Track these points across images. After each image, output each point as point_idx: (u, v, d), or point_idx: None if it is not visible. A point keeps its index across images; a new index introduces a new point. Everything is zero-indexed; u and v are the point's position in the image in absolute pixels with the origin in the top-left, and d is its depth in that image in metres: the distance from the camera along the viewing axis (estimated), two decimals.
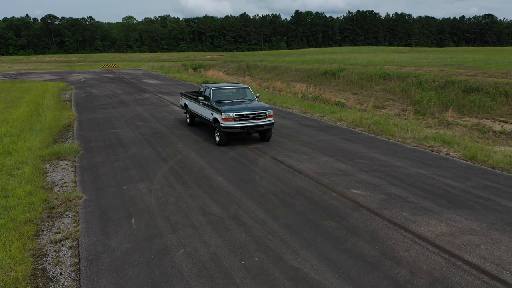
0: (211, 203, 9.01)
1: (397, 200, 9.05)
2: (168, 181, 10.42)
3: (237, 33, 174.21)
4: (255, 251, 6.87)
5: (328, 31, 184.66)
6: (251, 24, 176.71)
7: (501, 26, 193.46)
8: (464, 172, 11.17)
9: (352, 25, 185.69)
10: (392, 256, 6.66)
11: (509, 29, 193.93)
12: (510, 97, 25.77)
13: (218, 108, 13.74)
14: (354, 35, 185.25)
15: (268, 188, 9.91)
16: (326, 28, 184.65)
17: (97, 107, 23.31)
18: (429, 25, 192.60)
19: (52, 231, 7.80)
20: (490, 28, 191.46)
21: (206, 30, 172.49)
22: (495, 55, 62.64)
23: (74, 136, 15.79)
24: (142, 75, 50.51)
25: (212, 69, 68.82)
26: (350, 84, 39.18)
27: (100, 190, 9.86)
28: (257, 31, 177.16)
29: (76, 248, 7.10)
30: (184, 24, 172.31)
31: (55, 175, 11.15)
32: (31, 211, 8.51)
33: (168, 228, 7.77)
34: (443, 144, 14.30)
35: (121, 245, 7.13)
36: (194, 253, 6.83)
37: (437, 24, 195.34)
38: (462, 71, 35.09)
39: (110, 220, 8.15)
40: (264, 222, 8.01)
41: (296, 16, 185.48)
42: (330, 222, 7.98)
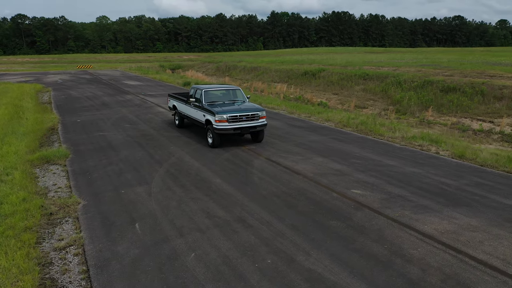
0: (213, 205, 8.94)
1: (397, 199, 9.21)
2: (167, 184, 10.28)
3: (214, 33, 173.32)
4: (267, 253, 6.86)
5: (304, 32, 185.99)
6: (227, 25, 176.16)
7: (470, 27, 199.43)
8: (456, 170, 11.47)
9: (328, 26, 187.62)
10: (401, 255, 6.78)
11: (478, 30, 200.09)
12: (486, 97, 26.62)
13: (211, 110, 13.66)
14: (329, 35, 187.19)
15: (269, 189, 9.92)
16: (302, 28, 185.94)
17: (79, 109, 22.77)
18: (402, 26, 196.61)
19: (54, 238, 7.57)
20: (460, 29, 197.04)
21: (182, 30, 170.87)
22: (467, 55, 64.57)
23: (61, 140, 15.38)
24: (120, 76, 49.65)
25: (190, 69, 68.33)
26: (331, 85, 39.59)
27: (98, 195, 9.64)
28: (234, 32, 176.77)
29: (82, 255, 6.92)
30: (159, 24, 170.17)
31: (47, 180, 10.83)
32: (28, 218, 8.24)
33: (175, 232, 7.67)
34: (431, 143, 14.65)
35: (129, 250, 7.00)
36: (205, 257, 6.76)
37: (409, 25, 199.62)
38: (439, 71, 36.00)
39: (113, 226, 7.99)
40: (270, 223, 8.01)
41: (272, 17, 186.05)
42: (335, 222, 8.05)
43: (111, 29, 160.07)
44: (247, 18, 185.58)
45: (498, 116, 24.43)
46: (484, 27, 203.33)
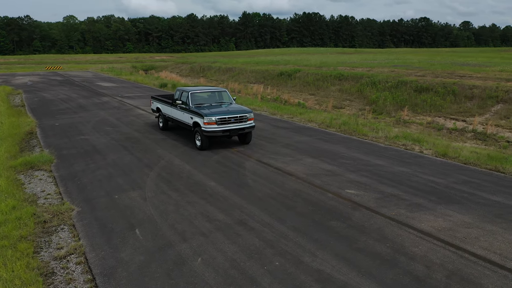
0: (212, 209, 8.91)
1: (391, 198, 9.45)
2: (160, 189, 10.15)
3: (185, 33, 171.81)
4: (273, 256, 6.90)
5: (275, 33, 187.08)
6: (199, 25, 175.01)
7: (436, 29, 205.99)
8: (442, 168, 11.86)
9: (299, 27, 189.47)
10: (404, 253, 6.96)
11: (443, 31, 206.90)
12: (458, 96, 27.55)
13: (199, 112, 13.57)
14: (301, 36, 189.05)
15: (264, 191, 9.96)
16: (274, 29, 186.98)
17: (56, 112, 22.11)
18: (371, 27, 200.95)
19: (52, 247, 7.35)
20: (426, 31, 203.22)
21: (153, 30, 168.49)
22: (435, 56, 66.66)
23: (41, 144, 14.90)
24: (93, 77, 48.49)
25: (164, 70, 67.50)
26: (307, 85, 39.99)
27: (91, 201, 9.42)
28: (206, 32, 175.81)
29: (85, 263, 6.76)
30: (129, 24, 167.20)
31: (33, 187, 10.49)
32: (22, 226, 7.97)
33: (177, 237, 7.60)
34: (414, 143, 15.08)
35: (133, 257, 6.88)
36: (212, 261, 6.74)
37: (378, 26, 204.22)
38: (411, 71, 36.98)
39: (113, 232, 7.83)
40: (271, 226, 8.06)
41: (244, 17, 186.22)
42: (335, 223, 8.18)
43: (79, 29, 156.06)
44: (218, 18, 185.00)
45: (470, 115, 25.33)
46: (449, 28, 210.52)
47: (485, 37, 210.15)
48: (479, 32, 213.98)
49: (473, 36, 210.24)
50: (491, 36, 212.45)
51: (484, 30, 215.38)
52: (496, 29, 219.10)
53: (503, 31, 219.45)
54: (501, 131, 22.30)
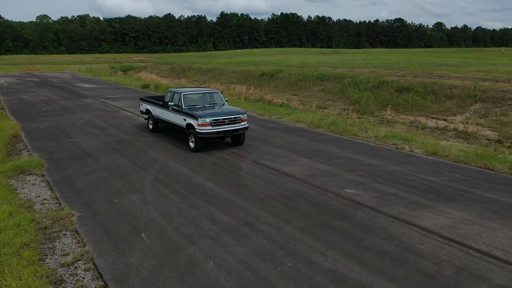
0: (215, 211, 8.88)
1: (390, 197, 9.63)
2: (160, 192, 10.05)
3: (163, 34, 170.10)
4: (285, 257, 6.94)
5: (254, 33, 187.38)
6: (176, 25, 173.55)
7: (410, 29, 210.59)
8: (434, 167, 12.16)
9: (277, 27, 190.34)
10: (412, 250, 7.12)
11: (417, 32, 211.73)
12: (438, 96, 28.23)
13: (192, 114, 13.48)
14: (278, 36, 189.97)
15: (265, 192, 9.99)
16: (252, 29, 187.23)
17: (38, 115, 21.55)
18: (347, 27, 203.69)
19: (57, 254, 7.19)
20: (401, 31, 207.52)
21: (129, 30, 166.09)
22: (412, 56, 68.11)
23: (29, 148, 14.51)
24: (71, 78, 47.45)
25: (143, 71, 66.68)
26: (289, 85, 40.20)
27: (90, 205, 9.24)
28: (183, 32, 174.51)
29: (94, 270, 6.63)
30: (105, 24, 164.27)
31: (27, 192, 10.21)
32: (23, 233, 7.76)
33: (185, 240, 7.54)
34: (403, 142, 15.39)
35: (144, 262, 6.80)
36: (224, 264, 6.72)
37: (354, 27, 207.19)
38: (391, 71, 37.66)
39: (118, 237, 7.71)
40: (278, 227, 8.10)
41: (222, 18, 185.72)
42: (340, 222, 8.28)
43: (52, 28, 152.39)
44: (196, 18, 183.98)
45: (450, 114, 25.98)
46: (423, 29, 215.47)
47: (457, 38, 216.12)
48: (452, 33, 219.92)
49: (446, 37, 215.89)
50: (463, 37, 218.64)
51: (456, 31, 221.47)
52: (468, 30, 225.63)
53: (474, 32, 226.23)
54: (481, 129, 22.96)
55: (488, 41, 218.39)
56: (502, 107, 24.77)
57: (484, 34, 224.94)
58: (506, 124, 22.77)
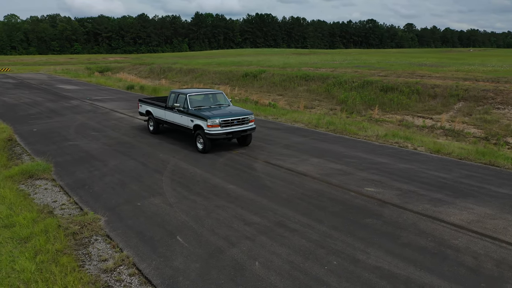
0: (243, 212, 8.86)
1: (411, 194, 9.85)
2: (181, 194, 9.93)
3: (137, 34, 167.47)
4: (327, 255, 7.00)
5: (229, 33, 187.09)
6: (150, 25, 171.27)
7: (382, 30, 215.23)
8: (442, 164, 12.51)
9: (252, 28, 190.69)
10: (448, 246, 7.32)
11: (389, 33, 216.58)
12: (421, 95, 28.97)
13: (201, 115, 13.38)
14: (254, 37, 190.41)
15: (287, 192, 10.03)
16: (227, 30, 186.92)
17: (27, 117, 20.85)
18: (321, 28, 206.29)
19: (94, 260, 7.01)
20: (373, 32, 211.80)
21: (102, 30, 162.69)
22: (389, 56, 69.64)
23: (28, 152, 14.05)
24: (50, 80, 46.09)
25: (121, 72, 65.48)
26: (274, 86, 40.34)
27: (113, 209, 9.04)
28: (158, 33, 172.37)
29: (139, 275, 6.51)
30: (77, 24, 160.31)
31: (42, 197, 9.90)
32: (53, 240, 7.52)
33: (223, 242, 7.50)
34: (405, 140, 15.74)
35: (188, 265, 6.72)
36: (271, 264, 6.73)
37: (328, 27, 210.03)
38: (374, 72, 38.37)
39: (154, 240, 7.59)
40: (311, 226, 8.16)
41: (197, 18, 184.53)
42: (371, 220, 8.42)
43: (21, 28, 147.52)
44: (170, 18, 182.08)
45: (435, 112, 26.70)
46: (394, 30, 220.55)
47: (427, 39, 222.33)
48: (422, 34, 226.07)
49: (417, 38, 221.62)
50: (432, 38, 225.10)
51: (426, 32, 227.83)
52: (437, 31, 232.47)
53: (443, 32, 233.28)
54: (467, 127, 23.71)
55: (456, 42, 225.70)
56: (484, 105, 25.63)
57: (452, 35, 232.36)
58: (490, 122, 23.59)
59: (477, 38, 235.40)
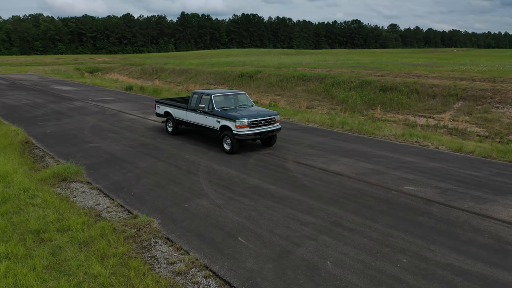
0: (295, 212, 8.89)
1: (451, 192, 10.03)
2: (225, 195, 9.91)
3: (122, 34, 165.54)
4: (395, 254, 7.10)
5: (215, 33, 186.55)
6: (136, 25, 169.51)
7: (367, 31, 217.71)
8: (469, 163, 12.76)
9: (238, 28, 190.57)
10: (507, 242, 7.50)
11: (373, 33, 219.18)
12: (421, 95, 29.42)
13: (228, 116, 13.35)
14: (240, 37, 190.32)
15: (330, 192, 10.11)
16: (213, 30, 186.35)
17: (34, 119, 20.43)
18: (307, 28, 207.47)
19: (163, 263, 6.96)
20: (358, 32, 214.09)
21: (86, 30, 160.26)
22: (380, 57, 70.49)
23: (50, 154, 13.80)
24: (43, 80, 45.20)
25: (111, 72, 64.71)
26: (271, 86, 40.40)
27: (163, 211, 8.97)
28: (143, 33, 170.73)
29: (214, 277, 6.49)
30: (60, 24, 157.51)
31: (83, 200, 9.76)
32: (114, 243, 7.43)
33: (287, 242, 7.52)
34: (424, 139, 16.00)
35: (261, 266, 6.73)
36: (343, 263, 6.78)
37: (314, 28, 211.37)
38: (370, 72, 38.77)
39: (216, 242, 7.56)
40: (367, 225, 8.24)
41: (183, 18, 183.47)
42: (423, 218, 8.56)
43: (3, 28, 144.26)
44: (156, 18, 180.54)
45: (436, 112, 27.16)
46: (378, 30, 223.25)
47: (411, 39, 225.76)
48: (405, 34, 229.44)
49: (400, 38, 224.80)
50: (415, 38, 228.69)
51: (410, 32, 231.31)
52: (420, 32, 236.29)
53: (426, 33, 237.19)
54: (469, 126, 24.18)
55: (438, 42, 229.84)
56: (483, 104, 26.16)
57: (435, 36, 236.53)
58: (491, 121, 24.09)
59: (458, 38, 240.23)
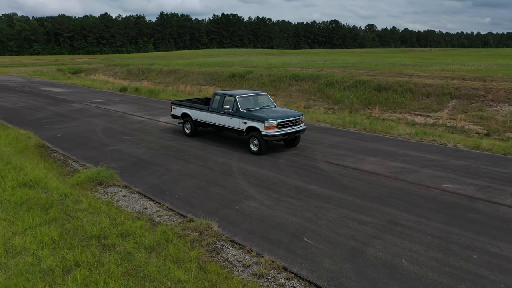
0: (348, 212, 8.99)
1: (489, 189, 10.33)
2: (272, 196, 9.92)
3: (100, 34, 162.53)
4: (463, 250, 7.28)
5: (195, 33, 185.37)
6: (114, 25, 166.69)
7: (345, 31, 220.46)
8: (493, 160, 13.16)
9: (218, 28, 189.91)
10: None
11: (351, 33, 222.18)
12: (415, 94, 30.01)
13: (256, 117, 13.36)
14: (220, 37, 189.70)
15: (373, 191, 10.25)
16: (193, 30, 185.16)
17: (39, 122, 19.88)
18: (286, 29, 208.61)
19: (239, 266, 6.93)
20: (336, 32, 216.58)
21: (63, 30, 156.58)
22: (366, 56, 71.50)
23: (73, 158, 13.50)
24: (29, 82, 43.93)
25: (95, 73, 63.54)
26: (264, 86, 40.44)
27: (216, 214, 8.91)
28: (122, 33, 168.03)
29: (297, 278, 6.50)
30: (36, 24, 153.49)
31: (127, 204, 9.61)
32: (183, 247, 7.35)
33: (353, 241, 7.61)
34: (439, 138, 16.37)
35: (339, 265, 6.79)
36: (417, 261, 6.91)
37: (293, 28, 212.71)
38: (362, 71, 39.27)
39: (283, 243, 7.58)
40: (423, 223, 8.41)
41: (162, 18, 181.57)
42: (473, 215, 8.79)
43: None
44: (135, 18, 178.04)
45: (432, 110, 27.79)
46: (356, 30, 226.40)
47: (387, 39, 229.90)
48: (382, 34, 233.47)
49: (378, 38, 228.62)
50: (392, 38, 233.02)
51: (386, 32, 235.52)
52: (396, 32, 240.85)
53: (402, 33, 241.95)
54: (466, 124, 24.84)
55: (414, 42, 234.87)
56: (476, 103, 26.89)
57: (411, 36, 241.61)
58: (487, 119, 24.82)
59: (434, 38, 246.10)
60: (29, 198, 9.49)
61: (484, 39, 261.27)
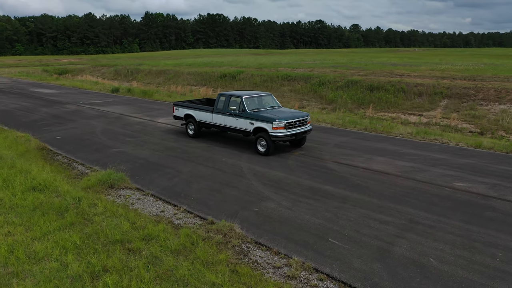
0: (367, 212, 9.04)
1: (500, 187, 10.52)
2: (288, 197, 9.92)
3: (84, 34, 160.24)
4: (487, 247, 7.39)
5: (181, 33, 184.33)
6: (98, 25, 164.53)
7: (330, 31, 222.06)
8: (497, 158, 13.40)
9: (204, 28, 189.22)
10: None
11: (336, 33, 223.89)
12: (407, 93, 30.39)
13: (264, 117, 13.34)
14: (206, 37, 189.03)
15: (388, 191, 10.34)
16: (179, 30, 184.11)
17: (34, 124, 19.47)
18: (272, 29, 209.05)
19: (269, 268, 6.90)
20: (322, 33, 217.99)
21: (46, 30, 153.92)
22: (354, 56, 72.10)
23: (77, 161, 13.28)
24: (17, 83, 43.05)
25: (82, 74, 62.68)
26: (256, 86, 40.42)
27: (236, 216, 8.86)
28: (106, 33, 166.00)
29: (329, 279, 6.51)
30: (18, 23, 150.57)
31: (143, 207, 9.49)
32: (211, 251, 7.29)
33: (378, 241, 7.65)
34: (441, 137, 16.60)
35: (370, 265, 6.82)
36: (445, 260, 6.99)
37: (279, 28, 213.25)
38: (353, 71, 39.57)
39: (309, 244, 7.58)
40: (443, 222, 8.51)
41: (147, 18, 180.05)
42: (490, 213, 8.94)
43: None
44: (119, 18, 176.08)
45: (424, 110, 28.18)
46: (342, 30, 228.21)
47: (372, 39, 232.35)
48: (367, 34, 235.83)
49: (362, 38, 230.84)
50: (376, 38, 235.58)
51: (371, 32, 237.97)
52: (380, 32, 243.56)
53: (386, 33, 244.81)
54: (459, 123, 25.25)
55: (398, 42, 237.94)
56: (468, 102, 27.37)
57: (395, 36, 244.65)
58: (479, 118, 25.27)
59: (417, 38, 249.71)
60: (42, 203, 9.29)
61: (465, 39, 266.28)
